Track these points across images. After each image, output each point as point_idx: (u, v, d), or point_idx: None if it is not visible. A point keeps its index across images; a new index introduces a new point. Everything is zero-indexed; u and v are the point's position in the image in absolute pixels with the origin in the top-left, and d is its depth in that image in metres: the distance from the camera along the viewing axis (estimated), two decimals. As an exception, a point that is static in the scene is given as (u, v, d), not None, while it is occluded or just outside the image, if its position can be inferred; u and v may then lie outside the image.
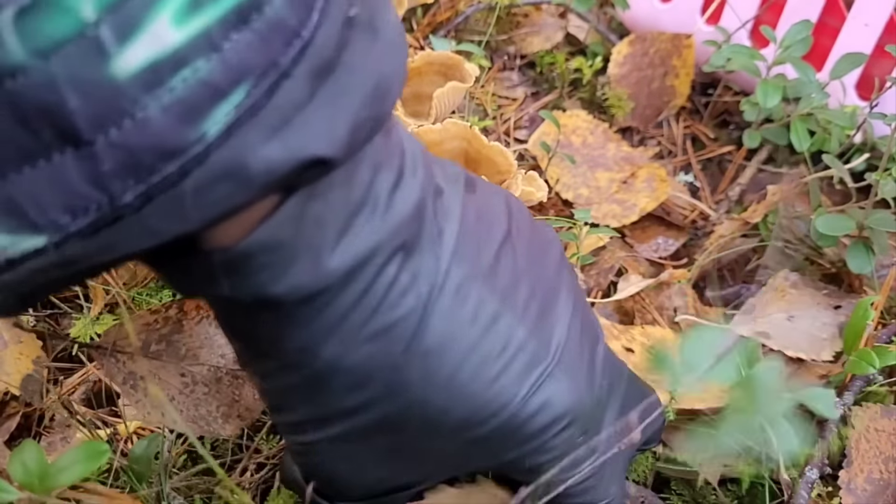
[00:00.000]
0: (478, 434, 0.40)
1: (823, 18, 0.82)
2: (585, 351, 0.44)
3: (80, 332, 0.61)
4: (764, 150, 0.88)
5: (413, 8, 0.96)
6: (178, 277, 0.34)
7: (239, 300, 0.34)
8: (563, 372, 0.41)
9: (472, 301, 0.38)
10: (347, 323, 0.35)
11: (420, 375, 0.37)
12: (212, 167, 0.26)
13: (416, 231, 0.36)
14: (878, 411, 0.59)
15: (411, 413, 0.39)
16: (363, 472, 0.43)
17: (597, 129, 0.87)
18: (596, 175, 0.84)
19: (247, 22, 0.25)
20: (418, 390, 0.38)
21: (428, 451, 0.42)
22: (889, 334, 0.66)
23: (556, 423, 0.41)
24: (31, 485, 0.38)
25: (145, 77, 0.24)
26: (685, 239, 0.81)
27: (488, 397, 0.39)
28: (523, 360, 0.40)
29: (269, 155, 0.27)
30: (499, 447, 0.41)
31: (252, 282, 0.32)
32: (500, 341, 0.39)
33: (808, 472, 0.56)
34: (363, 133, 0.31)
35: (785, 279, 0.73)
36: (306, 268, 0.33)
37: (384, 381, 0.37)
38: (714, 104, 0.92)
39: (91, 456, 0.40)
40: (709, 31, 0.89)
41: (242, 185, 0.27)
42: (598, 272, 0.75)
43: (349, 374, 0.37)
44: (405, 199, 0.35)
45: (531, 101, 0.93)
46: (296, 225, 0.32)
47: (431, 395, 0.38)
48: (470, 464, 0.45)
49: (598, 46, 0.96)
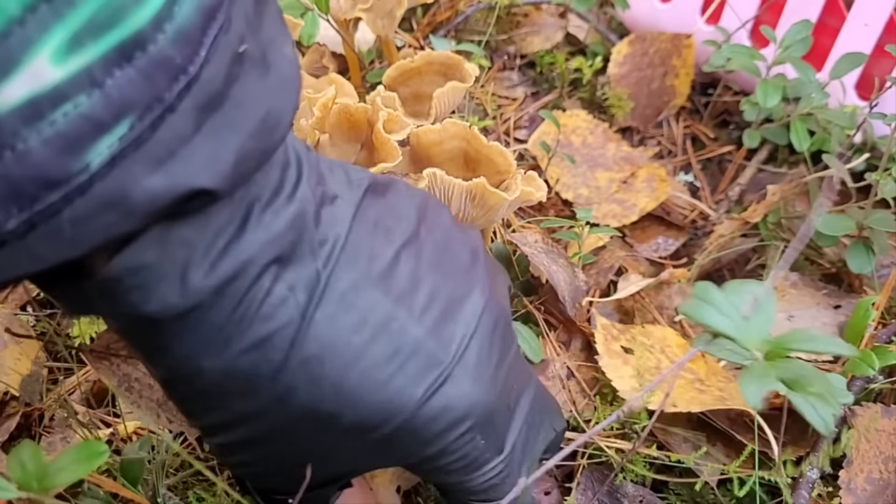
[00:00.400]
0: (377, 436, 0.40)
1: (823, 18, 0.82)
2: (494, 353, 0.43)
3: (80, 332, 0.61)
4: (764, 150, 0.88)
5: (413, 8, 0.96)
6: (63, 300, 0.35)
7: (119, 319, 0.35)
8: (465, 374, 0.41)
9: (360, 306, 0.38)
10: (224, 335, 0.36)
11: (304, 383, 0.38)
12: (95, 197, 0.27)
13: (294, 243, 0.37)
14: (878, 411, 0.59)
15: (304, 418, 0.39)
16: (279, 471, 0.44)
17: (597, 129, 0.87)
18: (596, 175, 0.84)
19: (130, 59, 0.26)
20: (304, 397, 0.38)
21: (335, 452, 0.42)
22: (889, 334, 0.66)
23: (457, 426, 0.41)
24: (29, 485, 0.38)
25: (25, 111, 0.25)
26: (685, 239, 0.81)
27: (381, 401, 0.39)
28: (419, 363, 0.39)
29: (152, 186, 0.28)
30: (400, 449, 0.42)
31: (124, 302, 0.34)
32: (392, 344, 0.39)
33: (808, 472, 0.56)
34: (250, 164, 0.32)
35: (785, 279, 0.73)
36: (174, 287, 0.34)
37: (269, 390, 0.38)
38: (714, 104, 0.92)
39: (89, 456, 0.39)
40: (709, 31, 0.89)
41: (125, 214, 0.28)
42: (598, 272, 0.75)
43: (235, 383, 0.38)
44: (279, 215, 0.36)
45: (531, 101, 0.93)
46: (160, 247, 0.33)
47: (319, 402, 0.39)
48: (378, 463, 0.45)
49: (597, 46, 0.96)
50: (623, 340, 0.64)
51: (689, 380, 0.60)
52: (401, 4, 0.71)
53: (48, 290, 0.35)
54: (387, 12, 0.71)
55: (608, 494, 0.57)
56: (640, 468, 0.59)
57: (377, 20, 0.72)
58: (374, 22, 0.72)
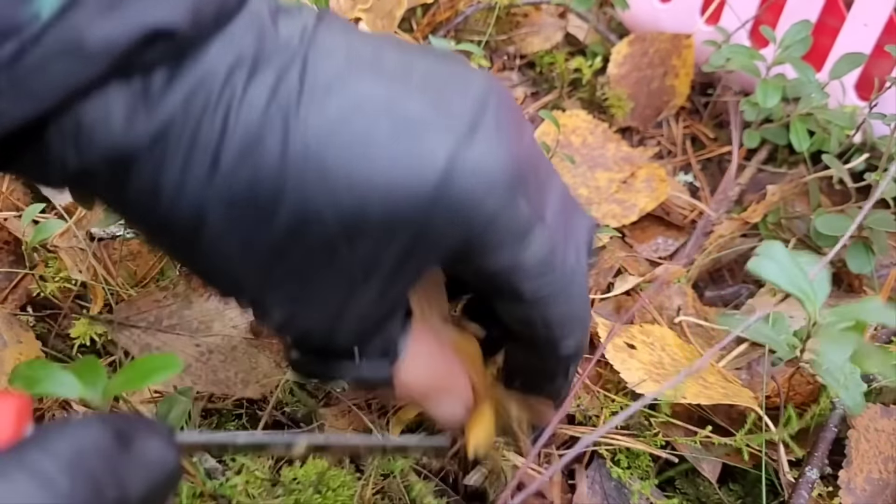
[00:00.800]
0: (411, 225, 0.35)
1: (823, 18, 0.82)
2: (513, 120, 0.38)
3: (80, 332, 0.61)
4: (763, 150, 0.88)
5: (413, 8, 0.96)
6: (37, 168, 0.34)
7: (96, 169, 0.33)
8: (487, 136, 0.36)
9: (350, 92, 0.35)
10: (208, 154, 0.34)
11: (314, 185, 0.34)
12: (48, 45, 0.28)
13: (256, 48, 0.34)
14: (877, 411, 0.59)
15: (330, 225, 0.35)
16: (337, 318, 0.39)
17: (596, 129, 0.87)
18: (595, 175, 0.84)
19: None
20: (322, 202, 0.34)
21: (377, 268, 0.37)
22: (889, 334, 0.66)
23: (494, 189, 0.36)
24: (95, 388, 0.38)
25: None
26: (685, 239, 0.81)
27: (401, 178, 0.34)
28: (433, 134, 0.35)
29: (107, 30, 0.29)
30: (439, 234, 0.36)
31: (97, 137, 0.32)
32: (396, 122, 0.35)
33: (808, 472, 0.56)
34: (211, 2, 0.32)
35: (785, 279, 0.73)
36: (138, 111, 0.32)
37: (281, 206, 0.35)
38: (714, 104, 0.92)
39: (165, 366, 0.39)
40: (708, 31, 0.89)
41: (82, 61, 0.29)
42: (598, 272, 0.75)
43: (245, 214, 0.35)
44: (233, 21, 0.34)
45: (531, 101, 0.93)
46: (122, 84, 0.32)
47: (337, 203, 0.34)
48: (419, 265, 0.38)
49: (597, 46, 0.96)
50: (624, 338, 0.64)
51: (692, 377, 0.60)
52: (400, 5, 0.71)
53: (20, 167, 0.34)
54: (386, 13, 0.71)
55: (616, 489, 0.58)
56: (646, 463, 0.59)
57: (377, 20, 0.72)
58: (373, 22, 0.73)
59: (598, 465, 0.58)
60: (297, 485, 0.51)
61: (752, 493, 0.60)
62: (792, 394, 0.62)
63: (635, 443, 0.58)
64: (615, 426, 0.60)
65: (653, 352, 0.62)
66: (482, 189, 0.35)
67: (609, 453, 0.58)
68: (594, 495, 0.57)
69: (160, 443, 0.32)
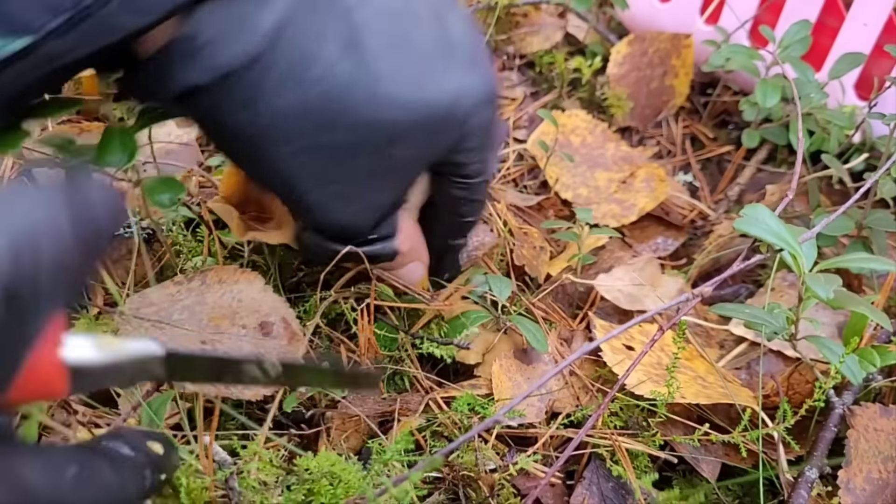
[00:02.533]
0: (431, 133, 0.48)
1: (822, 18, 0.82)
2: (484, 49, 0.52)
3: (80, 331, 0.61)
4: (763, 150, 0.88)
5: (412, 7, 0.96)
6: (134, 82, 0.44)
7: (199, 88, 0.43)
8: (484, 67, 0.50)
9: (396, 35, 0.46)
10: (296, 72, 0.44)
11: (365, 104, 0.46)
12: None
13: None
14: (877, 411, 0.59)
15: (378, 135, 0.47)
16: (364, 207, 0.52)
17: (596, 129, 0.87)
18: (595, 175, 0.84)
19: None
20: (370, 115, 0.46)
21: (405, 162, 0.50)
22: (888, 334, 0.66)
23: (487, 105, 0.50)
24: None
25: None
26: (684, 238, 0.81)
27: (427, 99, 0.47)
28: (451, 67, 0.48)
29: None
30: (447, 139, 0.50)
31: (202, 60, 0.42)
32: (422, 59, 0.47)
33: (808, 472, 0.56)
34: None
35: (783, 279, 0.73)
36: (243, 34, 0.42)
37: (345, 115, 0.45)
38: (713, 104, 0.92)
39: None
40: (708, 31, 0.89)
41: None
42: (598, 272, 0.75)
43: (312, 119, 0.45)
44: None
45: (530, 101, 0.93)
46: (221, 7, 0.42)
47: (382, 115, 0.46)
48: (427, 162, 0.52)
49: (597, 46, 0.96)
50: (623, 339, 0.64)
51: (691, 377, 0.60)
52: (400, 4, 0.71)
53: (118, 78, 0.45)
54: (386, 12, 0.71)
55: (613, 490, 0.57)
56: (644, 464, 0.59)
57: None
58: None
59: (595, 466, 0.58)
60: (309, 475, 0.52)
61: (750, 493, 0.60)
62: (791, 393, 0.62)
63: (634, 443, 0.58)
64: (615, 427, 0.60)
65: (652, 352, 0.63)
66: (479, 104, 0.49)
67: (608, 454, 0.58)
68: (592, 496, 0.57)
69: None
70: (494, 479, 0.56)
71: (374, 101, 0.46)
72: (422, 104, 0.47)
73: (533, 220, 0.79)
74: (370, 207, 0.52)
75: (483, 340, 0.65)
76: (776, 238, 0.49)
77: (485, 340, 0.65)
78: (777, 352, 0.65)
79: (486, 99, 0.50)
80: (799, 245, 0.49)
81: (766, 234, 0.49)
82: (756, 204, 0.50)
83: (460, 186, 0.55)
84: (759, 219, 0.49)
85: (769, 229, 0.49)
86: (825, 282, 0.47)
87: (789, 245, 0.49)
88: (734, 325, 0.69)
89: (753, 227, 0.49)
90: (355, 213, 0.52)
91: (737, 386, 0.62)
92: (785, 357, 0.65)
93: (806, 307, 0.53)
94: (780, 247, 0.48)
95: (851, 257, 0.52)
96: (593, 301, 0.72)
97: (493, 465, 0.57)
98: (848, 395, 0.61)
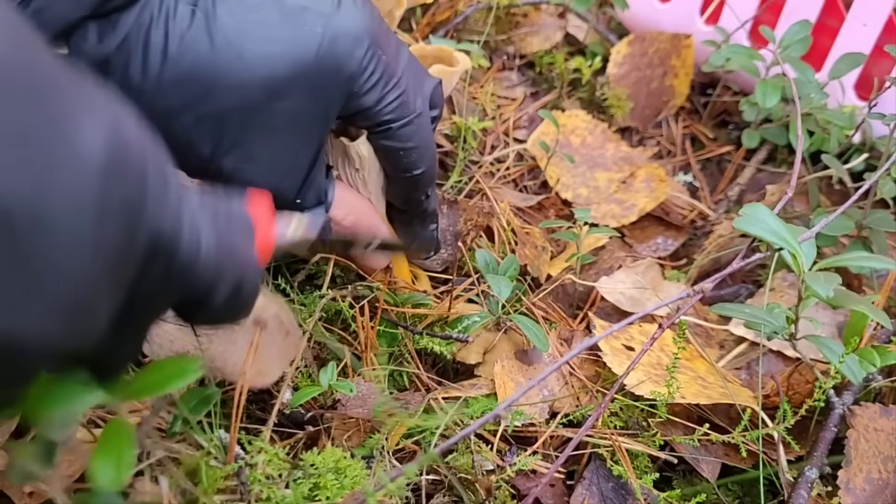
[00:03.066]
0: (308, 79, 0.50)
1: (822, 18, 0.82)
2: (367, 1, 0.53)
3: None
4: (763, 150, 0.88)
5: (412, 8, 0.96)
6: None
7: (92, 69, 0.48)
8: (348, 9, 0.51)
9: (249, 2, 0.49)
10: (158, 47, 0.48)
11: (235, 62, 0.48)
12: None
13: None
14: (877, 411, 0.59)
15: (255, 91, 0.49)
16: (277, 168, 0.53)
17: (596, 129, 0.87)
18: (595, 175, 0.84)
19: None
20: (243, 74, 0.49)
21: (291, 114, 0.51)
22: (888, 334, 0.66)
23: (360, 44, 0.51)
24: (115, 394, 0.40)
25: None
26: (684, 239, 0.81)
27: (295, 46, 0.49)
28: (313, 11, 0.50)
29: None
30: (328, 82, 0.51)
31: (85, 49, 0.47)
32: (285, 10, 0.49)
33: (808, 472, 0.56)
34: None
35: (783, 279, 0.73)
36: (108, 31, 0.48)
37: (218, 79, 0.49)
38: (713, 104, 0.92)
39: (182, 372, 0.41)
40: (708, 31, 0.89)
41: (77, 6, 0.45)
42: (598, 272, 0.75)
43: (191, 88, 0.48)
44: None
45: (530, 101, 0.93)
46: None
47: (255, 72, 0.49)
48: (325, 112, 0.53)
49: (597, 46, 0.96)
50: (623, 339, 0.64)
51: (691, 377, 0.60)
52: (400, 4, 0.71)
53: None
54: (386, 12, 0.71)
55: (613, 490, 0.58)
56: (644, 464, 0.59)
57: (377, 20, 0.73)
58: (373, 22, 0.73)
59: (595, 466, 0.58)
60: (315, 470, 0.52)
61: (750, 493, 0.60)
62: (791, 393, 0.62)
63: (634, 443, 0.58)
64: (615, 427, 0.60)
65: (651, 352, 0.63)
66: (351, 44, 0.50)
67: (608, 454, 0.58)
68: (592, 496, 0.57)
69: None
70: (491, 481, 0.56)
71: (241, 61, 0.48)
72: (287, 56, 0.49)
73: (533, 220, 0.79)
74: (281, 169, 0.53)
75: (483, 340, 0.65)
76: (776, 237, 0.49)
77: (485, 340, 0.65)
78: (777, 352, 0.65)
79: (359, 35, 0.50)
80: (798, 244, 0.49)
81: (766, 233, 0.49)
82: (756, 203, 0.50)
83: (385, 135, 0.55)
84: (759, 218, 0.50)
85: (769, 228, 0.49)
86: (825, 280, 0.47)
87: (789, 244, 0.49)
88: (734, 325, 0.69)
89: (753, 226, 0.49)
90: (267, 175, 0.53)
91: (737, 386, 0.62)
92: (785, 357, 0.65)
93: (806, 306, 0.53)
94: (780, 246, 0.48)
95: (851, 256, 0.52)
96: (593, 301, 0.72)
97: (491, 467, 0.57)
98: (848, 395, 0.61)
